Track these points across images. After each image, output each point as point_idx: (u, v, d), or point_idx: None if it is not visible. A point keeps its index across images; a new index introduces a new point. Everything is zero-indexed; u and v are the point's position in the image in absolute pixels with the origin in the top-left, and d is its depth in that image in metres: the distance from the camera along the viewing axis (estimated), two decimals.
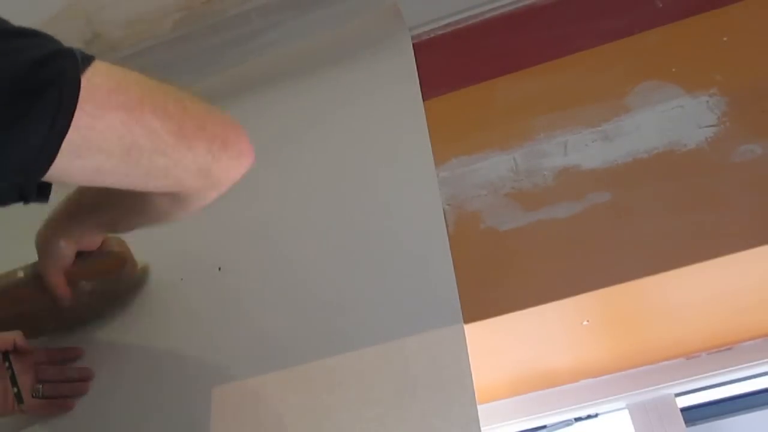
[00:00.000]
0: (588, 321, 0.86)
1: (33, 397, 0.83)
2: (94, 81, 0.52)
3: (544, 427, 1.07)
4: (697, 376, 0.99)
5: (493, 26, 0.99)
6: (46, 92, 0.49)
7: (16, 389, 0.82)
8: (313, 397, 0.77)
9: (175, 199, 0.67)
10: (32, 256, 0.84)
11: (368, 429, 0.73)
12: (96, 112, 0.52)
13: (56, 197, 0.62)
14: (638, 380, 1.00)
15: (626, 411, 1.04)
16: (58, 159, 0.51)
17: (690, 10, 0.89)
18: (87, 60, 0.53)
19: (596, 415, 1.07)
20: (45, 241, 0.81)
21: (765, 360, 0.97)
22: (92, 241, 0.83)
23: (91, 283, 0.86)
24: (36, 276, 0.83)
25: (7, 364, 0.82)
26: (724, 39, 0.86)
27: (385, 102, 0.95)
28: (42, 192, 0.54)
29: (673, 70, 0.86)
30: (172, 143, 0.58)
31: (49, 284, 0.82)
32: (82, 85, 0.51)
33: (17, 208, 0.56)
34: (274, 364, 0.81)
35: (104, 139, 0.53)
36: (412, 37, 1.00)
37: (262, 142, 1.00)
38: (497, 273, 0.81)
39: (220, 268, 0.91)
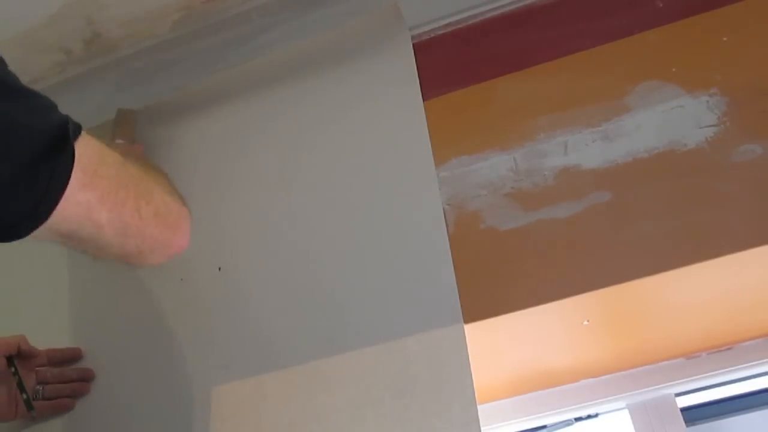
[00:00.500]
0: (588, 321, 0.86)
1: (34, 399, 0.83)
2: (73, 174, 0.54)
3: (544, 427, 1.07)
4: (697, 376, 0.99)
5: (493, 26, 0.99)
6: (39, 176, 0.51)
7: (25, 395, 0.81)
8: (313, 397, 0.77)
9: None
10: None
11: (368, 429, 0.73)
12: (62, 202, 0.54)
13: None
14: (638, 380, 1.00)
15: (626, 411, 1.04)
16: None
17: (690, 10, 0.89)
18: (75, 134, 0.55)
19: (596, 415, 1.07)
20: None
21: (765, 360, 0.97)
22: None
23: None
24: None
25: (13, 369, 0.81)
26: (724, 39, 0.86)
27: (385, 102, 0.95)
28: None
29: (673, 70, 0.86)
30: (110, 238, 0.62)
31: None
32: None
33: None
34: (273, 364, 0.81)
35: (56, 224, 0.55)
36: (412, 37, 1.00)
37: (261, 142, 1.00)
38: (497, 273, 0.81)
39: (220, 268, 0.91)
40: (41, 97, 0.55)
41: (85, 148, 0.56)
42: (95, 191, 0.57)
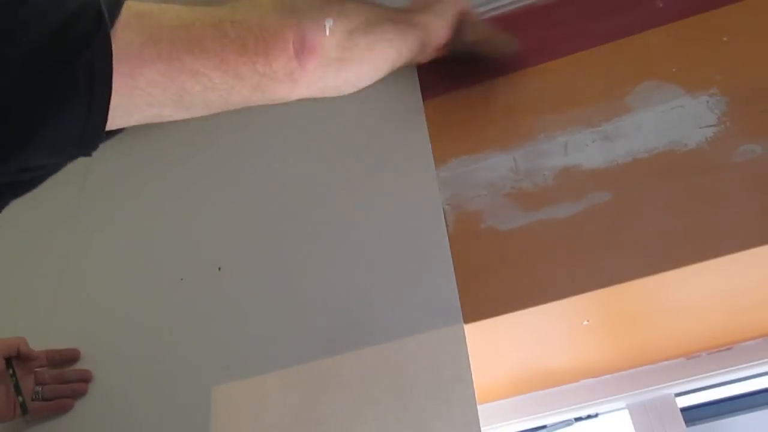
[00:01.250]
0: (588, 321, 0.86)
1: (32, 400, 0.83)
2: (125, 38, 0.48)
3: (544, 427, 1.07)
4: (697, 376, 0.99)
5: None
6: (76, 66, 0.45)
7: (21, 398, 0.81)
8: (313, 397, 0.77)
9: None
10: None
11: (368, 429, 0.73)
12: (133, 72, 0.49)
13: None
14: (638, 380, 1.00)
15: (626, 411, 1.04)
16: (112, 122, 0.48)
17: (690, 10, 0.89)
18: (115, 8, 0.48)
19: (596, 415, 1.07)
20: None
21: (765, 360, 0.97)
22: None
23: None
24: None
25: (11, 371, 0.81)
26: (724, 39, 0.86)
27: (384, 102, 0.95)
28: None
29: (673, 70, 0.86)
30: (219, 77, 0.55)
31: None
32: (113, 47, 0.47)
33: None
34: (274, 364, 0.81)
35: (150, 95, 0.51)
36: None
37: (261, 141, 1.00)
38: (497, 273, 0.81)
39: (220, 268, 0.91)
40: None
41: (127, 12, 0.49)
42: (158, 44, 0.51)
